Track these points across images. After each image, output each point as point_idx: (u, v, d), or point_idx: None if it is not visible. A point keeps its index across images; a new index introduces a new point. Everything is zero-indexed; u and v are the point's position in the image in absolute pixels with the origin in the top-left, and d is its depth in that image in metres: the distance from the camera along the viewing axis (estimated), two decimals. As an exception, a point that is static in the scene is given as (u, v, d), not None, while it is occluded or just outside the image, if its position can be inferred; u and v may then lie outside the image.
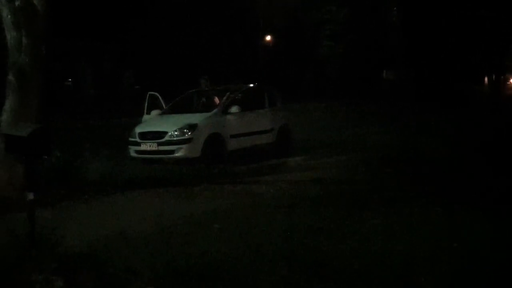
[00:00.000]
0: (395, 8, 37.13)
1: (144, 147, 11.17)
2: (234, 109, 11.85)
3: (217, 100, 12.54)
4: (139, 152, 11.32)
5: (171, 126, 11.19)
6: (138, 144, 11.30)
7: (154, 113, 12.43)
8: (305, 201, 7.13)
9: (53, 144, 6.38)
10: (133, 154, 11.44)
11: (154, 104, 12.78)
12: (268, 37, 35.95)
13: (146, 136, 11.24)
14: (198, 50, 30.42)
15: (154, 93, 13.02)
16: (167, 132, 11.06)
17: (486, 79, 38.04)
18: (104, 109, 23.47)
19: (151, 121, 12.07)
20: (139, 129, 11.60)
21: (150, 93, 13.05)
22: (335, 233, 5.52)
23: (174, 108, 12.54)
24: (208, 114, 11.71)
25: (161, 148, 11.02)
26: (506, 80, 39.69)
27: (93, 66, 31.97)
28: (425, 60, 32.83)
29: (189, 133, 10.98)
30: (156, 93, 12.98)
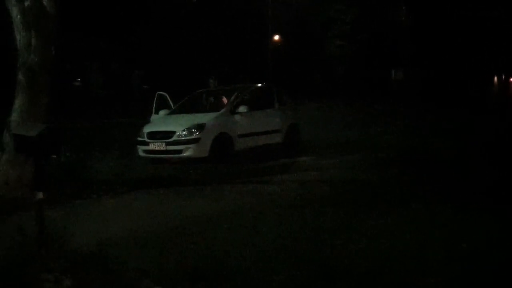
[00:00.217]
0: (404, 8, 37.02)
1: (153, 146, 11.21)
2: (242, 108, 11.85)
3: (225, 100, 12.55)
4: (147, 151, 11.37)
5: (179, 126, 11.22)
6: (146, 143, 11.34)
7: (162, 113, 12.47)
8: (314, 201, 7.11)
9: (62, 143, 6.41)
10: (141, 153, 11.49)
11: (163, 104, 12.82)
12: (277, 36, 35.93)
13: (155, 136, 11.28)
14: (206, 50, 30.46)
15: (162, 93, 13.06)
16: (175, 132, 11.09)
17: (495, 79, 37.86)
18: (113, 109, 23.57)
19: (159, 121, 12.10)
20: (147, 128, 11.63)
21: (159, 93, 13.10)
22: (343, 233, 5.50)
23: (182, 108, 12.56)
24: (216, 114, 11.72)
25: (169, 147, 11.05)
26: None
27: (101, 66, 32.12)
28: (434, 60, 32.72)
29: (197, 133, 11.00)
30: (165, 93, 13.02)
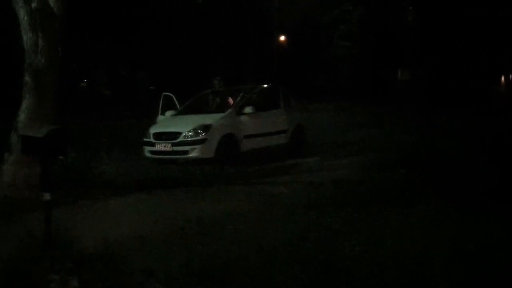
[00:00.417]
0: (410, 8, 36.92)
1: (159, 147, 11.23)
2: (248, 109, 11.85)
3: (231, 101, 12.55)
4: (153, 152, 11.39)
5: (185, 126, 11.23)
6: (152, 144, 11.36)
7: (168, 113, 12.49)
8: (320, 202, 7.10)
9: (69, 144, 6.43)
10: (147, 154, 11.51)
11: (169, 104, 12.83)
12: (282, 37, 35.91)
13: (161, 137, 11.30)
14: (212, 51, 30.49)
15: (168, 93, 13.07)
16: (181, 133, 11.10)
17: (502, 79, 37.70)
18: (119, 110, 23.61)
19: (165, 122, 12.12)
20: (153, 129, 11.66)
21: (165, 93, 13.11)
22: (350, 234, 5.49)
23: (188, 109, 12.58)
24: (222, 115, 11.72)
25: (175, 148, 11.07)
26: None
27: (108, 67, 32.21)
28: (440, 60, 32.62)
29: (203, 134, 11.01)
30: (171, 94, 13.03)
